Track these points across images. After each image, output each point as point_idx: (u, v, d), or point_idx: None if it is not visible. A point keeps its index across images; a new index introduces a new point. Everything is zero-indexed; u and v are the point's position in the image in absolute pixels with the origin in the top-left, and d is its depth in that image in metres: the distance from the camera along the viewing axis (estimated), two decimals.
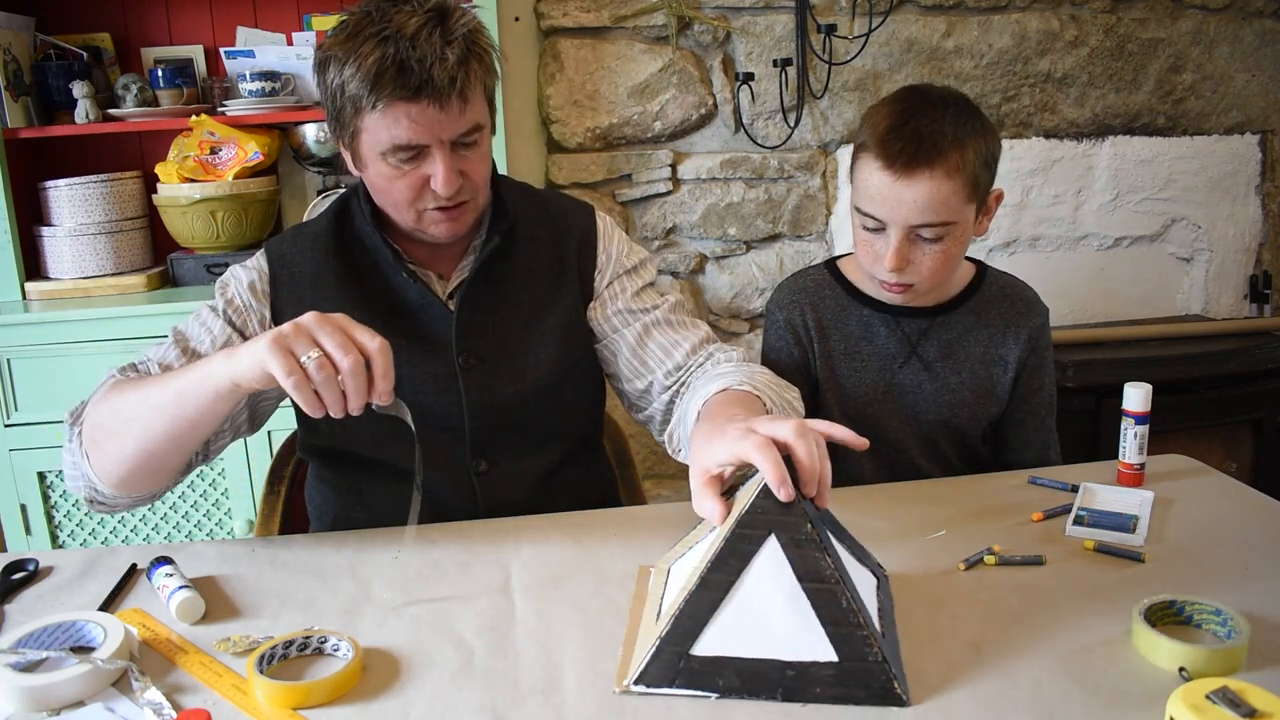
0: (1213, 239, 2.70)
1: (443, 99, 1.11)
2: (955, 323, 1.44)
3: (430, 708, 0.82)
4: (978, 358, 1.44)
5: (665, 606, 0.89)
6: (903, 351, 1.42)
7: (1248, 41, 2.62)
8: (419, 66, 1.10)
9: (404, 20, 1.11)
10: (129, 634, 0.90)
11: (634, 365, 1.31)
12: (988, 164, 1.31)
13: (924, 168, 1.25)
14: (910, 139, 1.26)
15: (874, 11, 2.42)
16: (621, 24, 2.41)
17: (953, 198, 1.28)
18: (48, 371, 2.06)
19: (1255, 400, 2.43)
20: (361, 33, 1.12)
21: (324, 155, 2.28)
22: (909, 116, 1.28)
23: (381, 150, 1.15)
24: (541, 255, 1.32)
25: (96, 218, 2.20)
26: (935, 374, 1.43)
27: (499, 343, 1.28)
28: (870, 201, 1.31)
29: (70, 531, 2.16)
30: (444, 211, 1.20)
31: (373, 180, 1.21)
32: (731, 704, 0.81)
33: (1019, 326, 1.44)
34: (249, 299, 1.25)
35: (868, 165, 1.30)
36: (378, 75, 1.10)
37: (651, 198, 2.50)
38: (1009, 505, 1.19)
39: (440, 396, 1.25)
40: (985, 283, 1.46)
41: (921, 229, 1.29)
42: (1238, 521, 1.13)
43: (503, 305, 1.29)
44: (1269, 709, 0.70)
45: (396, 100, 1.11)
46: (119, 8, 2.36)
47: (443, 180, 1.16)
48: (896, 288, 1.35)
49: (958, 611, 0.94)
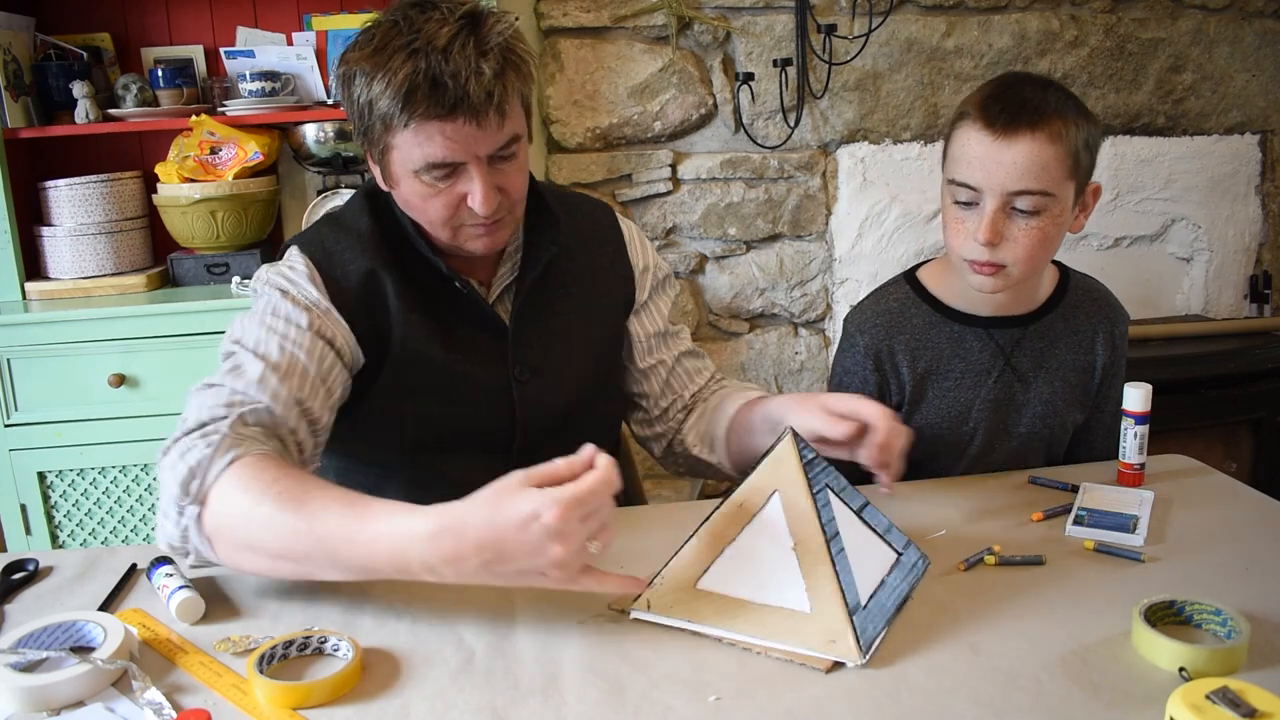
0: (1213, 239, 2.70)
1: (480, 115, 1.04)
2: (1046, 330, 1.39)
3: (430, 708, 0.82)
4: (1070, 365, 1.39)
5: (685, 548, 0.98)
6: (996, 364, 1.37)
7: (1248, 41, 2.62)
8: (453, 82, 1.02)
9: (435, 30, 1.03)
10: (129, 634, 0.90)
11: (669, 385, 1.37)
12: (1089, 145, 1.26)
13: (1025, 129, 1.21)
14: (1012, 101, 1.23)
15: (874, 11, 2.42)
16: (621, 24, 2.41)
17: (1053, 165, 1.21)
18: (48, 371, 2.06)
19: (1255, 400, 2.43)
20: (390, 45, 1.04)
21: (324, 155, 2.28)
22: (1012, 84, 1.26)
23: (414, 168, 1.09)
24: (577, 261, 1.29)
25: (96, 218, 2.20)
26: (1029, 384, 1.38)
27: (549, 354, 1.25)
28: (967, 168, 1.24)
29: (70, 531, 2.16)
30: (482, 227, 1.14)
31: (405, 197, 1.15)
32: (732, 704, 0.81)
33: (1105, 331, 1.41)
34: (320, 300, 1.14)
35: (966, 131, 1.25)
36: (409, 92, 1.03)
37: (651, 198, 2.50)
38: (1009, 505, 1.19)
39: (491, 410, 1.22)
40: (1071, 285, 1.41)
41: (1018, 198, 1.22)
42: (1238, 521, 1.13)
43: (552, 315, 1.25)
44: (1269, 709, 0.70)
45: (430, 118, 1.04)
46: (119, 8, 2.35)
47: (481, 199, 1.09)
48: (987, 268, 1.26)
49: (958, 611, 0.94)
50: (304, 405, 1.08)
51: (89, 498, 2.13)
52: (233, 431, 0.98)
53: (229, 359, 1.10)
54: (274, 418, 1.04)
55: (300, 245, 1.20)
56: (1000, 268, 1.25)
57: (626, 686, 0.84)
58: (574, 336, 1.27)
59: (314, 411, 1.09)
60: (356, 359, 1.17)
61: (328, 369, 1.12)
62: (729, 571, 0.94)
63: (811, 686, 0.83)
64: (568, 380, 1.26)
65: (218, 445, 0.96)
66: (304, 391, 1.08)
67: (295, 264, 1.17)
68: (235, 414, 1.00)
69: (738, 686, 0.84)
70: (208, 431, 0.99)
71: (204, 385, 1.06)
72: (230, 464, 0.94)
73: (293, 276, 1.15)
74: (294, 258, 1.18)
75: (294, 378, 1.07)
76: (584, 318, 1.28)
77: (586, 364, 1.28)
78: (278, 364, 1.07)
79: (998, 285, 1.28)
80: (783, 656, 0.88)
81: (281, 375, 1.06)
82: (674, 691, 0.83)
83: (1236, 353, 2.44)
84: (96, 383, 2.05)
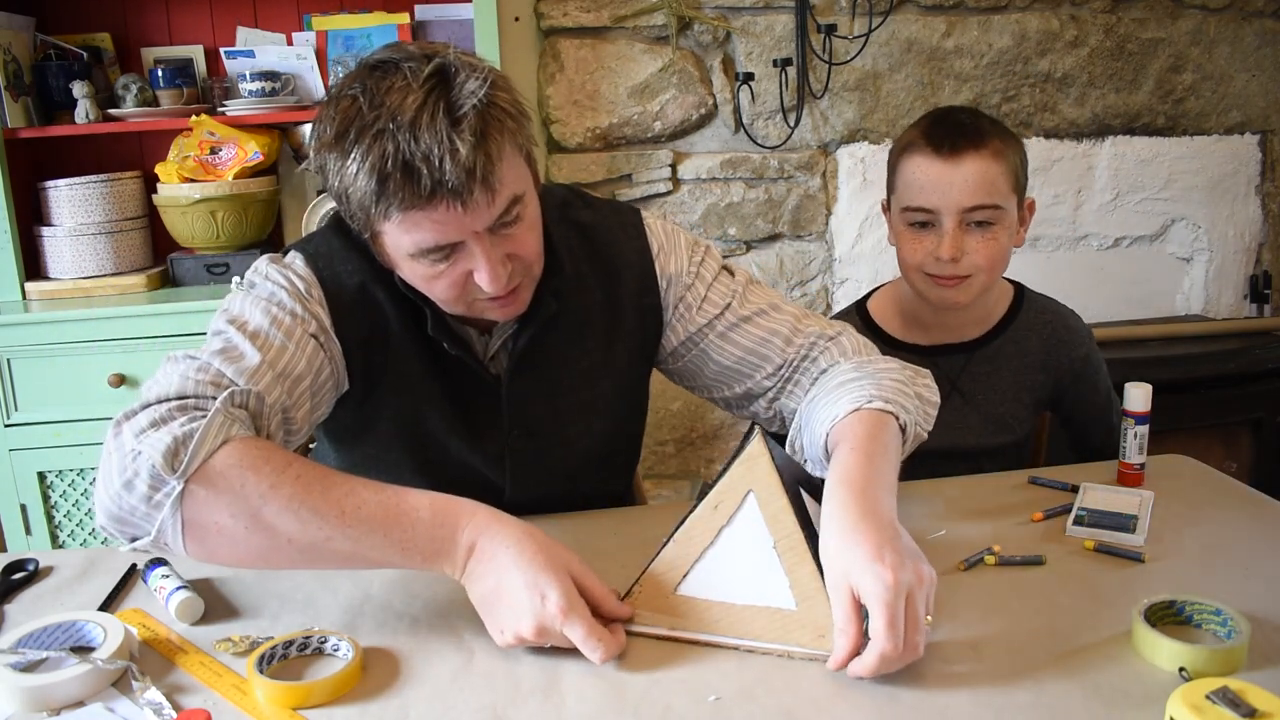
0: (1213, 239, 2.70)
1: (463, 196, 0.92)
2: (994, 354, 1.43)
3: (430, 708, 0.82)
4: (1021, 385, 1.44)
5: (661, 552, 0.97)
6: (944, 388, 1.37)
7: (1248, 41, 2.62)
8: (425, 166, 0.90)
9: (399, 101, 0.91)
10: (129, 634, 0.90)
11: (725, 374, 1.20)
12: (1024, 163, 1.36)
13: (970, 149, 1.31)
14: (954, 127, 1.33)
15: (874, 11, 2.42)
16: (621, 24, 2.41)
17: (999, 179, 1.31)
18: (48, 371, 2.06)
19: (1255, 400, 2.43)
20: (351, 128, 0.93)
21: None
22: (947, 114, 1.37)
23: (409, 253, 0.98)
24: (592, 300, 1.17)
25: (96, 218, 2.20)
26: (977, 405, 1.43)
27: (550, 413, 1.17)
28: (920, 193, 1.33)
29: (70, 531, 2.16)
30: (497, 299, 1.03)
31: (408, 279, 1.05)
32: (732, 704, 0.81)
33: (1059, 357, 1.44)
34: (323, 316, 1.07)
35: (914, 160, 1.34)
36: (381, 181, 0.92)
37: (651, 198, 2.50)
38: (1009, 505, 1.19)
39: (482, 466, 1.17)
40: (1024, 308, 1.45)
41: (973, 213, 1.31)
42: (1238, 521, 1.13)
43: (554, 370, 1.16)
44: (1269, 709, 0.70)
45: (410, 208, 0.93)
46: (119, 8, 2.35)
47: (488, 277, 0.98)
48: (951, 281, 1.34)
49: (958, 611, 0.94)
50: (288, 413, 1.00)
51: (89, 498, 2.13)
52: (225, 410, 0.90)
53: (219, 337, 1.01)
54: (261, 410, 0.95)
55: (306, 257, 1.10)
56: (963, 278, 1.34)
57: (626, 686, 0.84)
58: (580, 390, 1.18)
59: (295, 421, 1.01)
60: (342, 384, 1.10)
61: (322, 382, 1.05)
62: (710, 575, 0.93)
63: (811, 686, 0.83)
64: (571, 438, 1.20)
65: (210, 421, 0.87)
66: (292, 398, 1.00)
67: (302, 274, 1.08)
68: (225, 395, 0.91)
69: (737, 686, 0.84)
70: (194, 405, 0.90)
71: (185, 356, 0.97)
72: (225, 443, 0.87)
73: (298, 285, 1.07)
74: (299, 266, 1.09)
75: (288, 380, 1.00)
76: (592, 369, 1.18)
77: (595, 423, 1.21)
78: (274, 361, 0.99)
79: (960, 296, 1.35)
80: (775, 655, 0.88)
81: (277, 374, 0.98)
82: (674, 691, 0.83)
83: (1236, 353, 2.44)
84: (96, 383, 2.05)
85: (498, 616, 0.88)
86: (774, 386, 1.19)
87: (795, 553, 0.91)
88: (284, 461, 0.89)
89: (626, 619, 0.92)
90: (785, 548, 0.91)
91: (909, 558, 0.84)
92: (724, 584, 0.92)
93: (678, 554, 0.95)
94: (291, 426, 1.01)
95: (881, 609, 0.81)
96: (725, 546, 0.93)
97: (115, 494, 0.86)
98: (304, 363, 1.02)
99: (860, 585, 0.83)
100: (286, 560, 0.90)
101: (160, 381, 0.94)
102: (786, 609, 0.90)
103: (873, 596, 0.81)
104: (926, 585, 0.84)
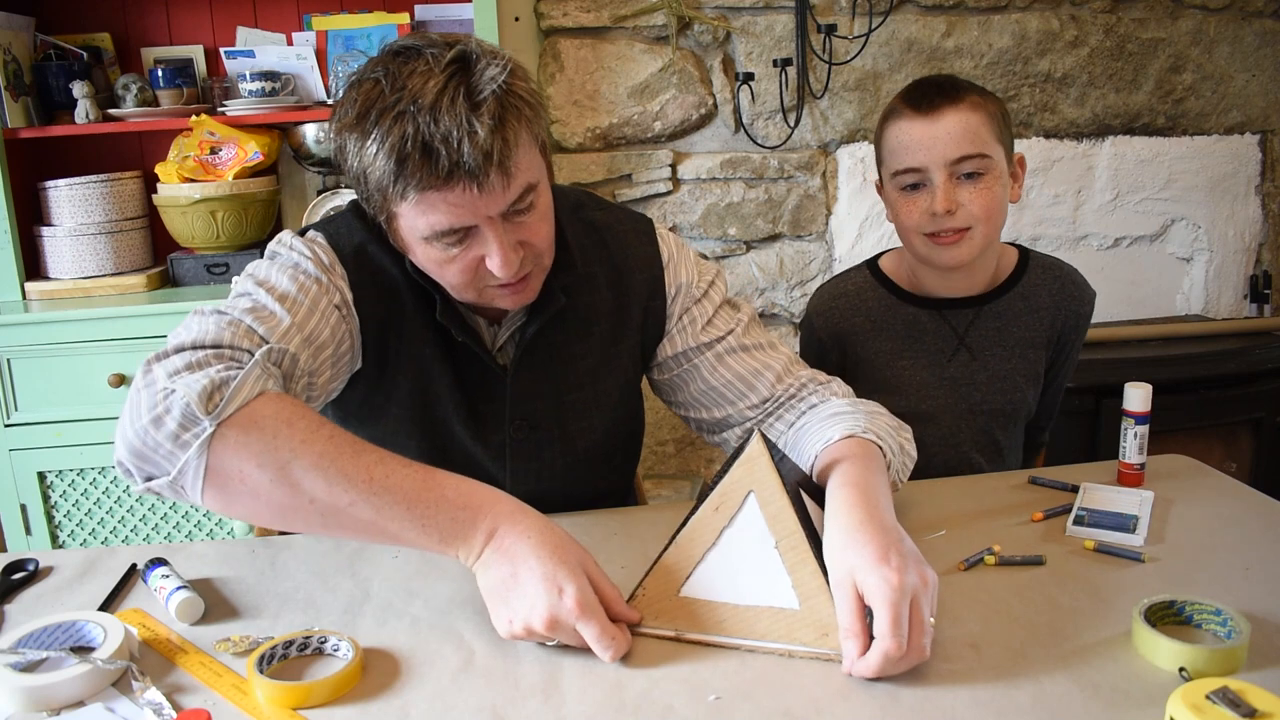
0: (1213, 239, 2.70)
1: (479, 179, 0.94)
2: (1004, 309, 1.44)
3: (430, 708, 0.82)
4: (1028, 341, 1.45)
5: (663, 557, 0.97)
6: (951, 344, 1.42)
7: (1248, 41, 2.62)
8: (445, 146, 0.92)
9: (420, 85, 0.93)
10: (129, 634, 0.90)
11: (710, 396, 1.21)
12: (1004, 116, 1.38)
13: (948, 104, 1.33)
14: (930, 87, 1.36)
15: (874, 11, 2.42)
16: (621, 24, 2.41)
17: (981, 128, 1.33)
18: (48, 371, 2.06)
19: (1255, 400, 2.43)
20: (373, 108, 0.95)
21: (324, 155, 2.28)
22: (923, 80, 1.40)
23: (423, 235, 1.00)
24: (601, 301, 1.19)
25: (96, 218, 2.20)
26: (985, 362, 1.43)
27: (553, 407, 1.18)
28: (906, 154, 1.35)
29: (70, 531, 2.16)
30: (508, 286, 1.05)
31: (421, 263, 1.06)
32: (732, 704, 0.81)
33: (1067, 309, 1.46)
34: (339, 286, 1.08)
35: (897, 124, 1.37)
36: (400, 162, 0.94)
37: (651, 198, 2.50)
38: (1009, 505, 1.19)
39: (484, 457, 1.18)
40: (1030, 266, 1.47)
41: (961, 164, 1.32)
42: (1238, 521, 1.13)
43: (559, 364, 1.18)
44: (1269, 709, 0.70)
45: (427, 188, 0.95)
46: (119, 8, 2.36)
47: (500, 262, 1.00)
48: (950, 235, 1.34)
49: (958, 611, 0.94)
50: (312, 377, 1.01)
51: (89, 498, 2.13)
52: (263, 364, 0.90)
53: (246, 297, 1.01)
54: (294, 371, 0.96)
55: (328, 236, 1.11)
56: (963, 231, 1.34)
57: (626, 686, 0.84)
58: (585, 388, 1.19)
59: (316, 387, 1.03)
60: (357, 360, 1.13)
61: (342, 354, 1.07)
62: (713, 576, 0.93)
63: (811, 686, 0.83)
64: (573, 435, 1.20)
65: (250, 370, 0.87)
66: (316, 363, 1.02)
67: (325, 249, 1.09)
68: (263, 350, 0.92)
69: (738, 686, 0.84)
70: (229, 355, 0.90)
71: (214, 311, 0.97)
72: (261, 394, 0.87)
73: (322, 257, 1.08)
74: (322, 241, 1.10)
75: (313, 346, 1.01)
76: (597, 367, 1.20)
77: (598, 419, 1.21)
78: (301, 324, 1.00)
79: (962, 253, 1.35)
80: (777, 655, 0.88)
81: (304, 337, 0.99)
82: (674, 691, 0.83)
83: (1236, 353, 2.44)
84: (96, 383, 2.05)
85: (509, 605, 0.87)
86: (754, 418, 1.20)
87: (797, 552, 0.91)
88: (318, 421, 0.89)
89: (634, 623, 0.92)
90: (787, 547, 0.91)
91: (913, 561, 0.86)
92: (727, 585, 0.93)
93: (680, 556, 0.95)
94: (313, 393, 1.03)
95: (887, 609, 0.81)
96: (727, 547, 0.94)
97: (141, 429, 0.85)
98: (328, 331, 1.04)
99: (865, 586, 0.83)
100: (302, 522, 0.89)
101: (193, 329, 0.94)
102: (790, 608, 0.90)
103: (878, 597, 0.82)
104: (930, 588, 0.85)
